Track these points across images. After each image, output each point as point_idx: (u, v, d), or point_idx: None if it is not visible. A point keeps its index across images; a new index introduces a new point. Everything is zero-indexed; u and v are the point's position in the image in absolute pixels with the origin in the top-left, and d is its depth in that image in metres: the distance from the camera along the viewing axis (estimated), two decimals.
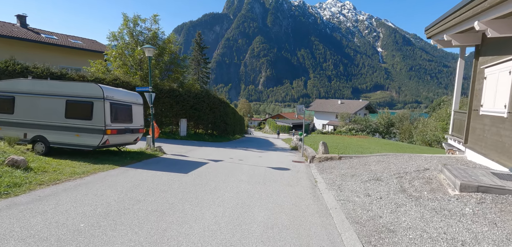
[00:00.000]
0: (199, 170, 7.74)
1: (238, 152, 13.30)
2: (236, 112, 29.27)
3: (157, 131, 11.06)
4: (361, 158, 9.46)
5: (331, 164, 9.39)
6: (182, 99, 17.19)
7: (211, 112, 18.95)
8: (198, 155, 11.00)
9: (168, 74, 19.75)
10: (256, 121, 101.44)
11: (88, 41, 29.43)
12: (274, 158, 11.63)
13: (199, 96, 18.08)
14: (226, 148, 14.68)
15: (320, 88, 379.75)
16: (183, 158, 9.97)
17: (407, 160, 8.18)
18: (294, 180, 7.31)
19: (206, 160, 9.74)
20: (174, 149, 12.27)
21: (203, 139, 18.30)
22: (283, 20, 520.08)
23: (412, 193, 5.16)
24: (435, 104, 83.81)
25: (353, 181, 6.62)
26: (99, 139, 7.78)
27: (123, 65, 17.80)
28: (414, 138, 35.10)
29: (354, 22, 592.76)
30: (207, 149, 13.50)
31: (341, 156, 9.98)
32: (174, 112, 17.14)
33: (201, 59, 45.58)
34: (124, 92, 9.08)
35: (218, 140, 19.50)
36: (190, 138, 17.63)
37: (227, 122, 21.17)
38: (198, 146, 14.30)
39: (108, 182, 5.72)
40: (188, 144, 14.68)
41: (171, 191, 5.42)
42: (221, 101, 20.34)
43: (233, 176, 7.22)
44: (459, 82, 9.80)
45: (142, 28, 18.60)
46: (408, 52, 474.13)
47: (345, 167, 8.53)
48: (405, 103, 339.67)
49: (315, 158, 10.28)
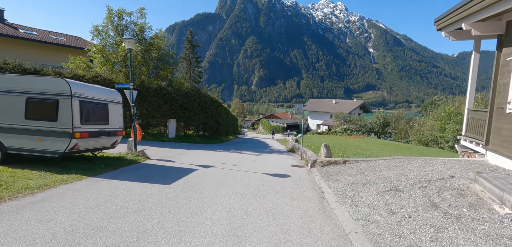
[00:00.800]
0: (185, 179, 6.60)
1: (232, 155, 12.18)
2: (229, 112, 28.11)
3: (140, 134, 9.85)
4: (369, 162, 8.48)
5: (335, 169, 8.38)
6: (170, 98, 15.94)
7: (202, 112, 17.77)
8: (187, 159, 9.83)
9: (156, 72, 18.45)
10: (249, 121, 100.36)
11: (72, 37, 27.76)
12: (271, 162, 10.57)
13: (189, 95, 16.87)
14: (218, 151, 13.54)
15: (313, 88, 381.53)
16: (168, 164, 8.79)
17: (423, 165, 7.23)
18: (296, 190, 6.24)
19: (195, 166, 8.59)
20: (160, 153, 11.06)
21: (194, 141, 17.10)
22: (276, 20, 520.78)
23: (448, 210, 4.16)
24: (427, 104, 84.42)
25: (367, 192, 5.61)
26: (66, 144, 6.55)
27: (107, 61, 16.43)
28: (410, 138, 34.65)
29: (346, 23, 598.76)
30: (197, 152, 12.33)
31: (346, 160, 8.99)
32: (162, 112, 15.89)
33: (192, 57, 44.14)
34: (99, 89, 7.85)
35: (210, 142, 18.33)
36: (179, 140, 16.40)
37: (219, 122, 20.01)
38: (187, 149, 13.11)
39: (66, 200, 4.52)
40: (177, 147, 13.47)
41: (145, 211, 4.27)
42: (213, 100, 19.17)
43: (225, 187, 6.11)
44: (473, 78, 8.93)
45: (128, 22, 17.26)
46: (399, 53, 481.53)
47: (353, 173, 7.53)
48: (396, 103, 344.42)
49: (317, 162, 9.26)
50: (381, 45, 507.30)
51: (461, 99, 25.80)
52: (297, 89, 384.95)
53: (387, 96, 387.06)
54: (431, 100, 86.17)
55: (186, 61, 43.84)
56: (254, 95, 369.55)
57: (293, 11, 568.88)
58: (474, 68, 8.87)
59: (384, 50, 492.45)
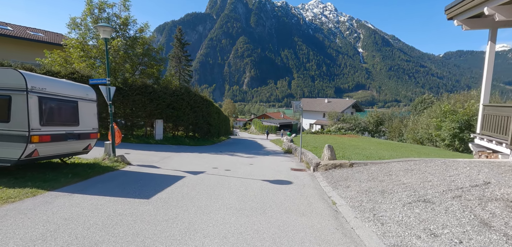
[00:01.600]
0: (169, 190, 5.48)
1: (224, 158, 11.09)
2: (221, 112, 26.94)
3: (119, 136, 8.62)
4: (380, 165, 7.57)
5: (342, 173, 7.43)
6: (156, 97, 14.67)
7: (192, 111, 16.57)
8: (174, 164, 8.68)
9: (141, 69, 17.13)
10: (241, 121, 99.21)
11: (52, 34, 25.99)
12: (268, 166, 9.54)
13: (177, 93, 15.64)
14: (209, 154, 12.41)
15: (304, 88, 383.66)
16: (152, 170, 7.63)
17: (444, 168, 6.36)
18: (303, 201, 5.23)
19: (182, 172, 7.46)
20: (144, 157, 9.86)
21: (183, 142, 15.89)
22: (267, 20, 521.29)
23: (507, 231, 3.23)
24: (416, 103, 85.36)
25: (389, 203, 4.66)
26: (20, 150, 5.32)
27: (86, 57, 15.00)
28: (404, 136, 34.39)
29: (335, 23, 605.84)
30: (186, 155, 11.17)
31: (352, 162, 8.06)
32: (148, 112, 14.60)
33: (182, 56, 42.61)
34: (66, 84, 6.62)
35: (200, 143, 17.16)
36: (167, 142, 15.17)
37: (210, 123, 18.86)
38: (175, 152, 11.93)
39: (1, 229, 3.35)
40: (164, 150, 12.26)
41: (109, 242, 3.15)
42: (204, 99, 18.00)
43: (218, 200, 5.03)
44: (489, 71, 8.17)
45: (110, 14, 15.87)
46: (387, 53, 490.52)
47: (364, 178, 6.59)
48: (385, 102, 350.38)
49: (320, 166, 8.30)
50: (370, 45, 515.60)
51: (457, 97, 25.53)
52: (288, 89, 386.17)
53: (377, 95, 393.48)
54: (420, 98, 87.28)
55: (176, 60, 42.30)
56: (245, 95, 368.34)
57: (284, 11, 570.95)
58: (490, 60, 8.10)
59: (373, 50, 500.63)
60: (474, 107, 22.32)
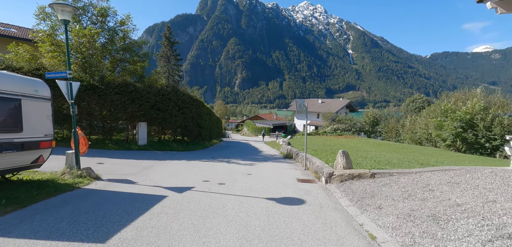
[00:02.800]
0: (139, 223, 3.89)
1: (217, 166, 9.50)
2: (212, 113, 25.25)
3: (84, 144, 6.90)
4: (410, 176, 6.19)
5: (363, 187, 6.01)
6: (139, 96, 12.93)
7: (180, 113, 14.89)
8: (155, 177, 7.06)
9: (123, 66, 15.34)
10: (233, 123, 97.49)
11: (26, 30, 23.74)
12: (269, 175, 8.03)
13: (163, 92, 13.93)
14: (200, 161, 10.80)
15: (295, 89, 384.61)
16: (125, 187, 5.99)
17: (500, 181, 5.01)
18: (330, 236, 3.74)
19: (164, 189, 5.86)
20: (120, 167, 8.18)
21: (170, 147, 14.19)
22: (257, 22, 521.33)
23: None
24: (408, 102, 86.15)
25: (455, 239, 3.22)
26: None
27: (58, 51, 13.11)
28: (402, 137, 33.62)
29: (325, 25, 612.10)
30: (172, 164, 9.53)
31: (374, 172, 6.65)
32: (129, 113, 12.84)
33: (171, 55, 40.62)
34: (2, 76, 4.92)
35: (190, 148, 15.49)
36: (151, 148, 13.44)
37: (201, 125, 17.20)
38: (160, 160, 10.27)
39: None
40: (146, 157, 10.57)
41: None
42: (193, 99, 16.34)
43: (209, 237, 3.48)
44: None
45: (86, 3, 14.03)
46: (376, 54, 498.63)
47: (397, 195, 5.18)
48: (375, 102, 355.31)
49: (334, 177, 6.85)
50: (360, 46, 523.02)
51: (457, 95, 24.79)
52: (279, 90, 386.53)
53: (367, 96, 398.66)
54: (412, 98, 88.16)
55: (164, 60, 40.29)
56: (237, 96, 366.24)
57: (274, 13, 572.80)
58: None
59: (362, 52, 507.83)
60: (478, 106, 21.56)
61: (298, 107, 10.25)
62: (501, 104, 21.80)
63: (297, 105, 10.40)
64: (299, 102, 10.24)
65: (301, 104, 9.45)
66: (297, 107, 10.38)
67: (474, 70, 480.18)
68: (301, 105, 9.58)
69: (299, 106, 10.16)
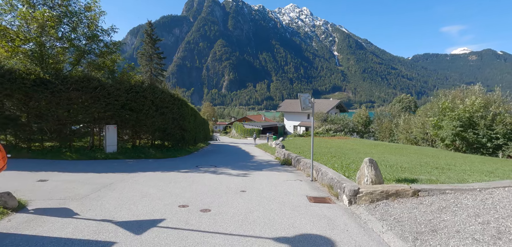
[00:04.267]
0: None
1: (201, 180, 7.44)
2: (198, 114, 22.98)
3: (0, 158, 4.68)
4: (473, 194, 4.39)
5: (409, 211, 4.18)
6: (106, 94, 10.62)
7: (158, 113, 12.67)
8: (109, 203, 4.93)
9: (89, 58, 12.94)
10: (221, 125, 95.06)
11: None
12: (269, 193, 6.07)
13: (136, 89, 11.68)
14: (180, 171, 8.67)
15: (283, 91, 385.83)
16: (56, 224, 3.84)
17: None
18: None
19: (115, 227, 3.77)
20: (69, 186, 5.98)
21: (147, 154, 11.94)
22: (244, 24, 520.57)
23: None
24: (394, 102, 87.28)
25: None
26: None
27: (12, 41, 10.59)
28: (396, 137, 32.67)
29: (311, 27, 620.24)
30: (142, 178, 7.38)
31: (416, 188, 4.84)
32: (92, 114, 10.52)
33: (154, 54, 37.78)
34: None
35: (171, 154, 13.27)
36: (123, 156, 11.14)
37: (185, 127, 15.01)
38: (128, 173, 8.07)
39: None
40: (111, 170, 8.33)
41: None
42: (175, 98, 14.14)
43: None
44: None
45: None
46: (361, 56, 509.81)
47: (473, 228, 3.36)
48: (361, 103, 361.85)
49: (360, 195, 4.99)
50: (345, 48, 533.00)
51: (454, 93, 23.84)
52: (267, 91, 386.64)
53: (352, 97, 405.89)
54: (398, 98, 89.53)
55: (146, 58, 37.47)
56: (224, 98, 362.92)
57: (261, 15, 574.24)
58: None
59: (347, 53, 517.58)
60: (477, 103, 20.60)
61: (302, 103, 8.70)
62: (501, 101, 20.94)
63: (301, 100, 8.81)
64: (303, 97, 8.54)
65: (306, 99, 7.67)
66: (301, 103, 8.82)
67: (453, 71, 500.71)
68: (306, 100, 7.80)
69: (303, 102, 8.54)
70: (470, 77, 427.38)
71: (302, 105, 7.69)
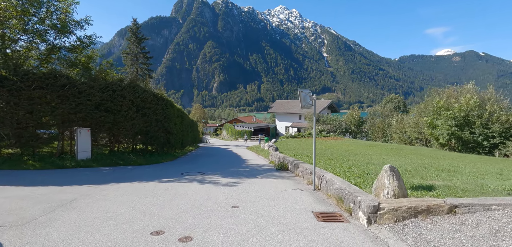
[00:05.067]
0: None
1: (185, 193, 6.28)
2: (185, 115, 21.63)
3: None
4: None
5: (450, 235, 3.20)
6: (76, 93, 9.29)
7: (140, 115, 11.40)
8: (63, 230, 3.72)
9: (60, 54, 11.52)
10: (211, 127, 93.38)
11: None
12: (268, 208, 4.99)
13: (113, 88, 10.38)
14: (161, 181, 7.49)
15: (274, 92, 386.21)
16: None
17: None
18: None
19: None
20: (17, 204, 4.72)
21: (126, 161, 10.64)
22: (234, 25, 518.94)
23: None
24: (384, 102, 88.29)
25: None
26: None
27: None
28: (389, 137, 32.28)
29: (301, 29, 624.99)
30: (113, 192, 6.15)
31: (453, 203, 3.88)
32: (60, 116, 9.16)
33: (139, 53, 36.11)
34: None
35: (154, 160, 11.99)
36: (98, 163, 9.81)
37: (170, 130, 13.74)
38: (100, 185, 6.82)
39: None
40: (77, 181, 7.05)
41: None
42: (159, 97, 12.87)
43: None
44: None
45: None
46: (350, 57, 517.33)
47: None
48: (350, 103, 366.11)
49: (381, 212, 3.99)
50: (334, 50, 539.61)
51: (448, 92, 23.49)
52: (258, 93, 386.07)
53: (342, 97, 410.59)
54: (388, 98, 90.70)
55: (131, 58, 35.76)
56: (215, 100, 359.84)
57: (251, 17, 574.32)
58: None
59: (336, 55, 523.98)
60: (473, 101, 20.24)
61: (302, 101, 7.72)
62: (495, 99, 20.67)
63: (302, 97, 7.79)
64: (303, 94, 7.46)
65: (307, 95, 6.63)
66: (302, 101, 7.84)
67: (437, 71, 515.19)
68: (307, 97, 6.75)
69: (303, 99, 7.50)
70: (454, 78, 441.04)
71: (302, 102, 6.69)
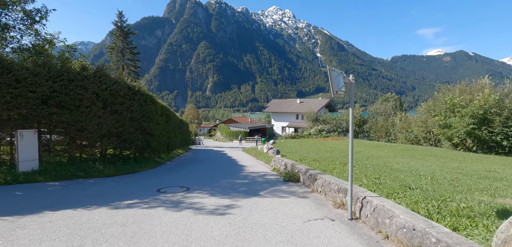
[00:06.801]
0: None
1: (152, 231, 3.93)
2: (172, 114, 19.08)
3: None
4: None
5: None
6: (13, 81, 6.87)
7: (108, 112, 8.98)
8: None
9: (2, 35, 9.02)
10: (205, 128, 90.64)
11: None
12: None
13: (70, 77, 7.96)
14: (119, 209, 5.12)
15: (268, 92, 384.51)
16: None
17: None
18: None
19: None
20: None
21: (89, 172, 8.20)
22: (228, 25, 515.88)
23: None
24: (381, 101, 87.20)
25: None
26: None
27: None
28: (393, 136, 30.40)
29: (294, 29, 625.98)
30: (34, 231, 3.77)
31: None
32: None
33: (125, 48, 33.41)
34: None
35: (129, 169, 9.55)
36: (48, 176, 7.36)
37: (150, 131, 11.33)
38: (22, 216, 4.41)
39: None
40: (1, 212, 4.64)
41: None
42: (135, 91, 10.43)
43: None
44: None
45: None
46: (343, 57, 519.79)
47: None
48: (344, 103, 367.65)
49: None
50: (327, 50, 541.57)
51: (460, 88, 21.61)
52: (252, 93, 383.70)
53: (335, 98, 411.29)
54: (384, 97, 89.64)
55: (116, 53, 33.04)
56: (209, 101, 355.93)
57: (244, 17, 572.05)
58: None
59: (330, 55, 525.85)
60: (492, 98, 18.39)
61: (335, 85, 5.32)
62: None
63: (333, 79, 5.22)
64: (334, 74, 4.96)
65: (338, 77, 4.24)
66: (334, 86, 5.38)
67: (429, 71, 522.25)
68: (339, 79, 4.27)
69: (336, 82, 5.01)
70: (445, 77, 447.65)
71: (334, 88, 4.42)
